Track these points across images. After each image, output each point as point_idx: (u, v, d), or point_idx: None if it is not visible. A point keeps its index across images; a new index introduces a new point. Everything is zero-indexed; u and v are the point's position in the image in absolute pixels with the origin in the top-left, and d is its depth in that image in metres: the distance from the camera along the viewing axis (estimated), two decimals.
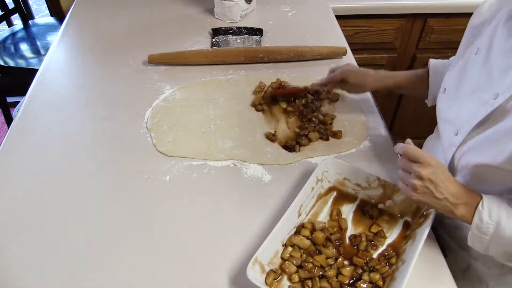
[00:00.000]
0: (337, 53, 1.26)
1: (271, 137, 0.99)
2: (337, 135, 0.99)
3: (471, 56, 0.78)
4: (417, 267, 0.68)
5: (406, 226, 0.80)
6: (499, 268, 0.80)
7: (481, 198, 0.69)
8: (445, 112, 0.81)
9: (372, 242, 0.77)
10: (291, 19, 1.46)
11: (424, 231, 0.73)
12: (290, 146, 0.96)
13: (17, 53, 1.84)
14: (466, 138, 0.73)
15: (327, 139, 0.99)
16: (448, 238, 0.87)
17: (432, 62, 0.96)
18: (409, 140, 0.73)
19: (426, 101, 1.00)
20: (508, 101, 0.66)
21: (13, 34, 1.96)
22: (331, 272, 0.71)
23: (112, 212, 0.84)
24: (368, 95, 1.12)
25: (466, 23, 0.84)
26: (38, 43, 1.91)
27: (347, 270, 0.72)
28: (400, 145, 0.72)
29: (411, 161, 0.70)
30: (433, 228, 0.78)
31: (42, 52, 1.85)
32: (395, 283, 0.68)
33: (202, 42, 1.33)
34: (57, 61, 1.27)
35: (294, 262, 0.73)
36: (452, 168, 0.78)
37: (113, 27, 1.40)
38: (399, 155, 0.73)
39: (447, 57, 0.94)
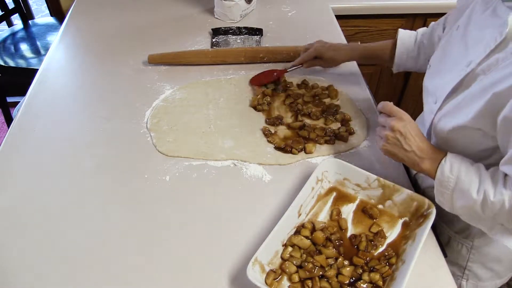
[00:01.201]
0: None
1: (268, 133, 0.99)
2: (343, 137, 0.98)
3: (452, 32, 0.84)
4: (417, 267, 0.68)
5: (406, 226, 0.80)
6: (477, 239, 0.85)
7: (446, 154, 0.74)
8: (429, 85, 0.86)
9: (372, 242, 0.77)
10: (291, 19, 1.46)
11: (424, 231, 0.73)
12: (285, 149, 0.96)
13: (17, 53, 1.84)
14: (442, 104, 0.78)
15: (333, 143, 0.98)
16: None
17: (401, 32, 1.06)
18: (389, 102, 0.81)
19: (392, 69, 1.09)
20: (478, 67, 0.71)
21: (13, 34, 1.96)
22: (331, 272, 0.71)
23: (112, 212, 0.84)
24: (368, 95, 1.13)
25: None
26: (38, 43, 1.91)
27: (347, 270, 0.72)
28: (381, 103, 0.81)
29: (388, 116, 0.79)
30: (433, 228, 0.78)
31: (42, 52, 1.85)
32: (395, 283, 0.68)
33: (202, 42, 1.33)
34: (57, 61, 1.27)
35: (294, 262, 0.73)
36: (429, 135, 0.84)
37: (113, 27, 1.40)
38: (379, 112, 0.82)
39: None
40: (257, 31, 1.37)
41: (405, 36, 1.05)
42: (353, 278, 0.72)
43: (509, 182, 0.67)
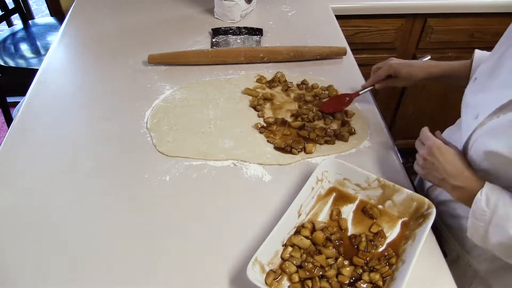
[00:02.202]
0: (337, 53, 1.26)
1: (261, 129, 1.00)
2: (344, 137, 0.98)
3: (508, 49, 0.76)
4: (417, 267, 0.68)
5: (406, 226, 0.80)
6: (488, 264, 0.81)
7: (482, 185, 0.69)
8: (470, 98, 0.80)
9: (372, 242, 0.77)
10: (291, 19, 1.46)
11: (424, 231, 0.73)
12: (285, 149, 0.96)
13: (17, 53, 1.85)
14: (484, 121, 0.72)
15: (333, 143, 0.98)
16: (443, 226, 0.87)
17: (477, 52, 0.95)
18: (425, 128, 0.81)
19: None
20: None
21: (13, 34, 1.96)
22: (331, 272, 0.71)
23: (112, 212, 0.84)
24: (368, 95, 1.13)
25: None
26: (38, 43, 1.91)
27: (347, 270, 0.72)
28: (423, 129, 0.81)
29: (420, 143, 0.79)
30: (433, 228, 0.78)
31: (42, 52, 1.85)
32: (395, 283, 0.68)
33: (202, 42, 1.33)
34: (57, 61, 1.27)
35: (294, 262, 0.73)
36: (465, 153, 0.78)
37: (113, 27, 1.40)
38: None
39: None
40: (257, 31, 1.37)
41: (480, 56, 0.93)
42: (353, 278, 0.72)
43: None
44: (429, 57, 1.07)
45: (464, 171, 0.73)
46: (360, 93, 1.08)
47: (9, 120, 2.06)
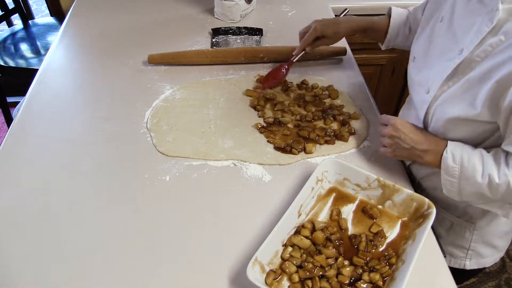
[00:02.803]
0: (337, 53, 1.26)
1: (261, 129, 1.01)
2: (344, 137, 0.98)
3: (436, 24, 0.86)
4: (417, 267, 0.68)
5: (406, 226, 0.80)
6: (479, 221, 0.89)
7: (446, 145, 0.77)
8: (415, 76, 0.89)
9: (372, 242, 0.77)
10: (291, 19, 1.46)
11: (424, 231, 0.73)
12: (285, 149, 0.96)
13: (17, 53, 1.84)
14: (437, 93, 0.80)
15: (333, 143, 0.98)
16: (429, 199, 0.89)
17: (393, 8, 1.08)
18: (384, 114, 0.89)
19: (380, 45, 1.14)
20: (472, 53, 0.73)
21: (13, 34, 1.96)
22: (331, 272, 0.71)
23: (112, 212, 0.84)
24: (368, 95, 1.13)
25: None
26: (38, 43, 1.91)
27: (347, 270, 0.72)
28: (380, 116, 0.89)
29: (384, 126, 0.86)
30: (433, 228, 0.78)
31: (42, 52, 1.85)
32: (395, 283, 0.68)
33: (202, 42, 1.33)
34: (57, 61, 1.27)
35: (294, 262, 0.73)
36: (425, 124, 0.85)
37: (113, 27, 1.40)
38: (380, 124, 0.89)
39: None
40: (257, 31, 1.37)
41: (397, 13, 1.08)
42: (353, 278, 0.72)
43: (511, 162, 0.71)
44: (348, 10, 1.21)
45: (427, 136, 0.82)
46: (294, 60, 1.14)
47: (9, 120, 2.06)
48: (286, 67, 1.14)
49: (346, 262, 0.74)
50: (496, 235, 0.91)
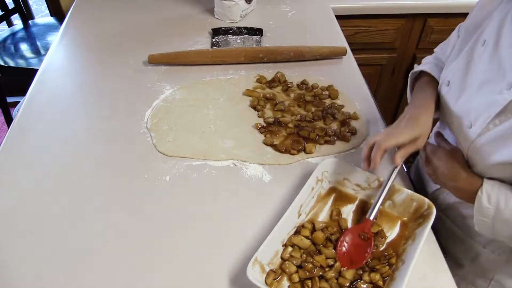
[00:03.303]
0: (337, 53, 1.26)
1: (263, 130, 1.01)
2: (345, 137, 0.98)
3: (476, 48, 0.75)
4: (417, 267, 0.68)
5: (406, 226, 0.80)
6: (508, 254, 0.82)
7: (481, 182, 0.72)
8: (454, 106, 0.78)
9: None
10: (291, 19, 1.46)
11: (424, 231, 0.73)
12: (285, 151, 0.96)
13: (17, 53, 1.85)
14: (483, 131, 0.72)
15: (333, 143, 0.98)
16: (455, 227, 0.88)
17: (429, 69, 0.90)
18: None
19: None
20: None
21: (13, 34, 1.96)
22: (331, 273, 0.71)
23: (112, 212, 0.84)
24: (368, 95, 1.13)
25: None
26: (38, 43, 1.91)
27: (348, 272, 0.72)
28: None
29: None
30: (433, 228, 0.78)
31: (42, 52, 1.85)
32: (395, 283, 0.68)
33: (202, 42, 1.33)
34: (57, 61, 1.27)
35: (294, 262, 0.73)
36: (468, 161, 0.78)
37: (113, 27, 1.40)
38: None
39: None
40: (257, 31, 1.37)
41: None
42: (354, 279, 0.72)
43: None
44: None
45: (461, 173, 0.75)
46: (372, 219, 0.79)
47: (9, 120, 2.06)
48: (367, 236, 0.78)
49: None
50: None
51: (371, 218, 0.77)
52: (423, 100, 0.84)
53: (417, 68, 0.92)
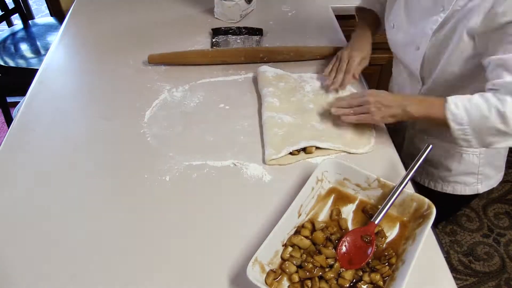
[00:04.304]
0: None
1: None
2: None
3: None
4: (417, 267, 0.68)
5: (406, 226, 0.80)
6: (486, 151, 1.02)
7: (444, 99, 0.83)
8: (402, 39, 0.99)
9: None
10: (291, 19, 1.46)
11: (424, 231, 0.73)
12: None
13: (17, 53, 1.85)
14: (428, 46, 0.91)
15: None
16: (438, 140, 1.04)
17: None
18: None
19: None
20: (454, 5, 0.85)
21: (13, 34, 1.97)
22: (331, 273, 0.71)
23: (112, 212, 0.84)
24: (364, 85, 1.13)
25: None
26: (38, 43, 1.91)
27: (348, 273, 0.72)
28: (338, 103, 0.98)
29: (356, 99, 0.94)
30: (433, 228, 0.78)
31: (42, 52, 1.85)
32: (395, 283, 0.68)
33: (202, 42, 1.33)
34: (57, 61, 1.27)
35: (294, 262, 0.73)
36: (423, 79, 0.98)
37: (113, 27, 1.40)
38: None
39: None
40: (257, 31, 1.37)
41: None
42: (354, 280, 0.72)
43: (499, 95, 0.79)
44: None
45: (400, 94, 0.99)
46: (376, 222, 0.77)
47: (9, 120, 2.06)
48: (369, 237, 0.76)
49: None
50: (496, 155, 1.05)
51: (376, 222, 0.77)
52: (363, 31, 1.16)
53: (360, 3, 1.22)
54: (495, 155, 1.06)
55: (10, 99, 2.09)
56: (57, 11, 2.01)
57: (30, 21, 2.03)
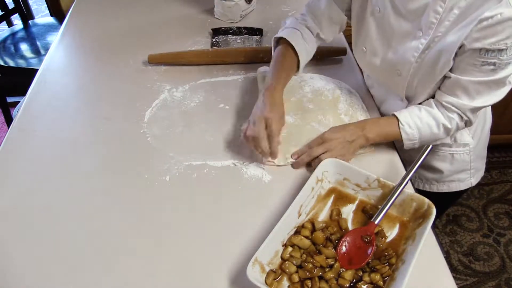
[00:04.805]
0: (337, 53, 1.26)
1: None
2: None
3: (375, 15, 0.92)
4: (417, 267, 0.68)
5: (406, 226, 0.80)
6: (473, 149, 1.06)
7: (396, 118, 0.89)
8: (380, 64, 0.96)
9: None
10: None
11: (424, 231, 0.73)
12: None
13: (17, 53, 1.85)
14: (411, 72, 0.89)
15: None
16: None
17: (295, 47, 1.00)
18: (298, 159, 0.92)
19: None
20: (435, 30, 0.83)
21: (13, 34, 1.97)
22: (331, 273, 0.71)
23: (112, 212, 0.84)
24: (368, 95, 1.12)
25: None
26: (38, 43, 1.91)
27: (348, 274, 0.72)
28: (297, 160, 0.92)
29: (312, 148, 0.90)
30: (433, 228, 0.78)
31: (42, 52, 1.85)
32: (395, 283, 0.68)
33: (202, 42, 1.33)
34: (57, 61, 1.27)
35: (294, 262, 0.73)
36: (409, 99, 0.98)
37: (113, 27, 1.40)
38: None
39: None
40: (257, 31, 1.37)
41: (300, 50, 1.00)
42: (354, 280, 0.72)
43: (445, 107, 0.87)
44: None
45: (355, 124, 0.93)
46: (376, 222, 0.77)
47: (9, 120, 2.06)
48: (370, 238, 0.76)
49: None
50: (482, 148, 1.09)
51: (376, 222, 0.77)
52: (277, 74, 0.97)
53: (278, 33, 1.03)
54: (482, 148, 1.10)
55: (10, 99, 2.08)
56: (57, 11, 2.01)
57: (30, 21, 2.03)
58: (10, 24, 2.26)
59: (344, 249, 0.75)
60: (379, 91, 1.11)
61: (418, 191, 1.12)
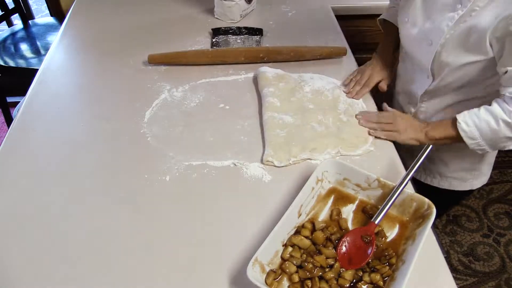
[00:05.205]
0: (337, 53, 1.26)
1: None
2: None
3: None
4: (417, 267, 0.68)
5: (406, 226, 0.80)
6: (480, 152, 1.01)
7: (456, 118, 0.90)
8: (416, 34, 0.99)
9: None
10: (291, 19, 1.46)
11: (424, 231, 0.73)
12: None
13: (17, 53, 1.85)
14: (441, 42, 0.91)
15: None
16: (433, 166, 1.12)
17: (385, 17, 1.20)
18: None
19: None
20: (472, 8, 0.85)
21: (13, 34, 1.96)
22: (331, 273, 0.71)
23: (112, 212, 0.84)
24: (368, 95, 1.12)
25: None
26: (38, 43, 1.91)
27: (348, 274, 0.72)
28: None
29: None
30: (433, 228, 0.78)
31: (42, 52, 1.85)
32: (395, 283, 0.68)
33: (202, 42, 1.33)
34: (57, 61, 1.27)
35: (294, 262, 0.73)
36: (433, 75, 0.99)
37: (113, 27, 1.40)
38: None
39: None
40: (257, 31, 1.37)
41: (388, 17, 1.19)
42: (354, 280, 0.72)
43: (507, 100, 0.86)
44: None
45: (419, 121, 0.99)
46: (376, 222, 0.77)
47: (9, 120, 2.06)
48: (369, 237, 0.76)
49: None
50: (491, 152, 1.06)
51: (377, 222, 0.77)
52: (386, 51, 1.18)
53: (382, 16, 1.23)
54: (492, 154, 1.10)
55: (10, 99, 2.08)
56: (57, 11, 2.01)
57: (30, 21, 2.03)
58: (10, 24, 2.26)
59: (344, 249, 0.75)
60: (408, 69, 1.12)
61: (417, 182, 1.12)
